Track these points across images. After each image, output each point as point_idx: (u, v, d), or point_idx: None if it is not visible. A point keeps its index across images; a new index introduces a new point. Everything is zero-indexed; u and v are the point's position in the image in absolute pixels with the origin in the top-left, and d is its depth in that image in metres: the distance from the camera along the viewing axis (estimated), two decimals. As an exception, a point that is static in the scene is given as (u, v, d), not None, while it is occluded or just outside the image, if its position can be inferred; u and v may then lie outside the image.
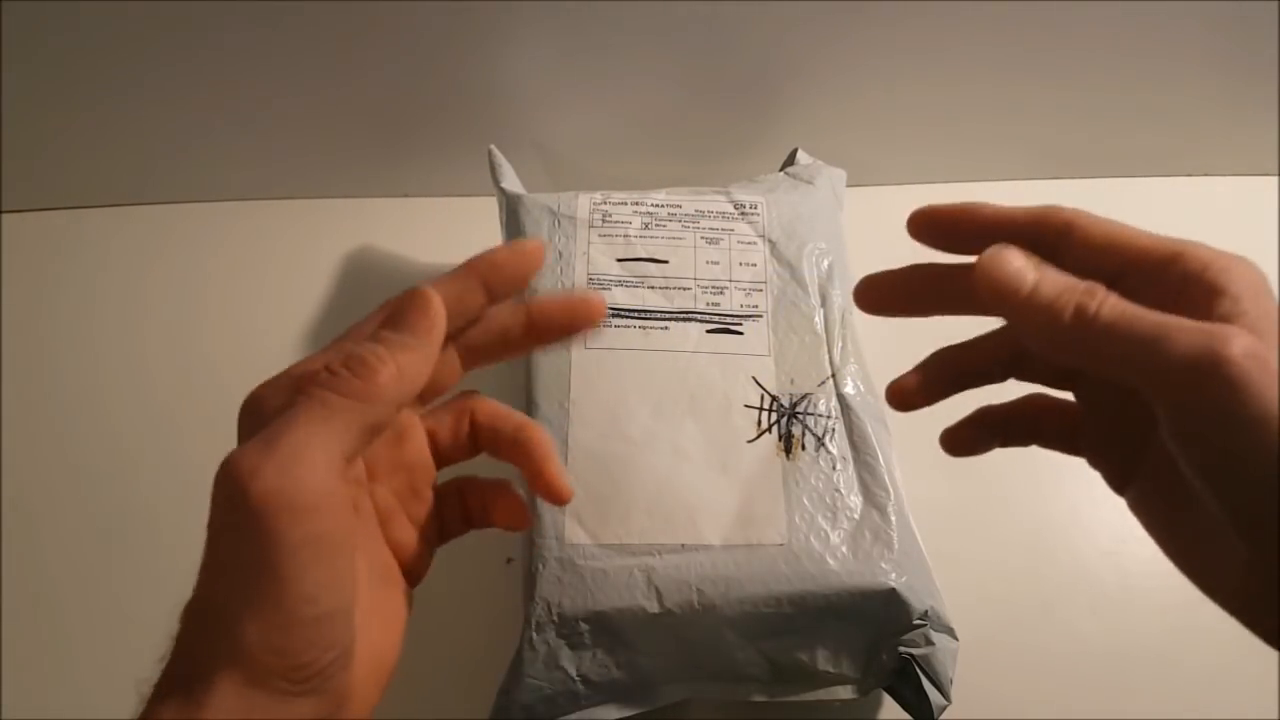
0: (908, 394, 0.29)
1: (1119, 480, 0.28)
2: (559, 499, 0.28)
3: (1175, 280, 0.24)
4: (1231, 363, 0.21)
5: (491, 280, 0.27)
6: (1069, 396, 0.30)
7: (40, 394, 0.53)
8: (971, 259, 0.26)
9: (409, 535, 0.28)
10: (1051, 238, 0.26)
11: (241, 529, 0.21)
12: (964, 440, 0.30)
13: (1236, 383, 0.21)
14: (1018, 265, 0.25)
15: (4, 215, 0.59)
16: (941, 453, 0.45)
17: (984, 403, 0.31)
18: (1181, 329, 0.22)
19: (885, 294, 0.30)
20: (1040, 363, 0.29)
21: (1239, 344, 0.21)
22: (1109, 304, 0.23)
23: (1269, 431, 0.21)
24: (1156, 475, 0.26)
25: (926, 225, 0.29)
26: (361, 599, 0.24)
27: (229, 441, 0.55)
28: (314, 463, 0.21)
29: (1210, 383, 0.21)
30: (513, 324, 0.27)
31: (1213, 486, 0.22)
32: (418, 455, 0.28)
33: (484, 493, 0.29)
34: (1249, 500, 0.22)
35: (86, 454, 0.50)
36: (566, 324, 0.28)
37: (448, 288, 0.26)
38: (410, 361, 0.24)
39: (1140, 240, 0.25)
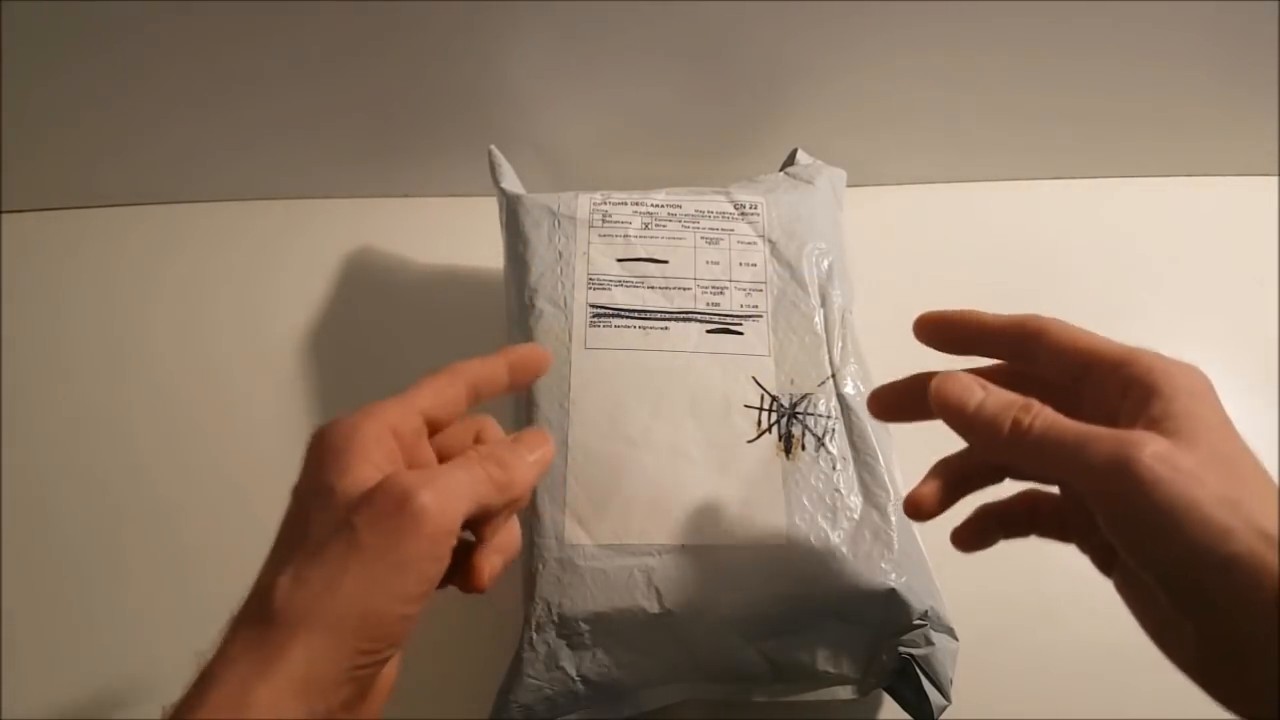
0: (926, 505, 0.32)
1: (1103, 565, 0.31)
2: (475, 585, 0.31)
3: (1123, 381, 0.28)
4: (1139, 464, 0.24)
5: (516, 369, 0.32)
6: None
7: (40, 394, 0.53)
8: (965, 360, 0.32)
9: None
10: (1028, 340, 0.31)
11: (396, 523, 0.25)
12: (971, 537, 0.33)
13: (1145, 481, 0.24)
14: (964, 386, 0.29)
15: (4, 215, 0.59)
16: (941, 453, 0.45)
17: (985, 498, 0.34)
18: (1099, 437, 0.26)
19: (890, 403, 0.34)
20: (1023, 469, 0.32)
21: (1149, 448, 0.25)
22: (1041, 417, 0.27)
23: (1180, 522, 0.24)
24: (1127, 564, 0.29)
25: (929, 329, 0.33)
26: None
27: (228, 440, 0.55)
28: (460, 505, 0.26)
29: (1124, 482, 0.25)
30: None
31: (1147, 572, 0.25)
32: None
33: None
34: (1177, 583, 0.25)
35: (86, 454, 0.50)
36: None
37: (486, 367, 0.32)
38: (531, 472, 0.30)
39: (1099, 346, 0.29)
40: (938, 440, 0.41)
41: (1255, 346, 0.55)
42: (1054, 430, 0.27)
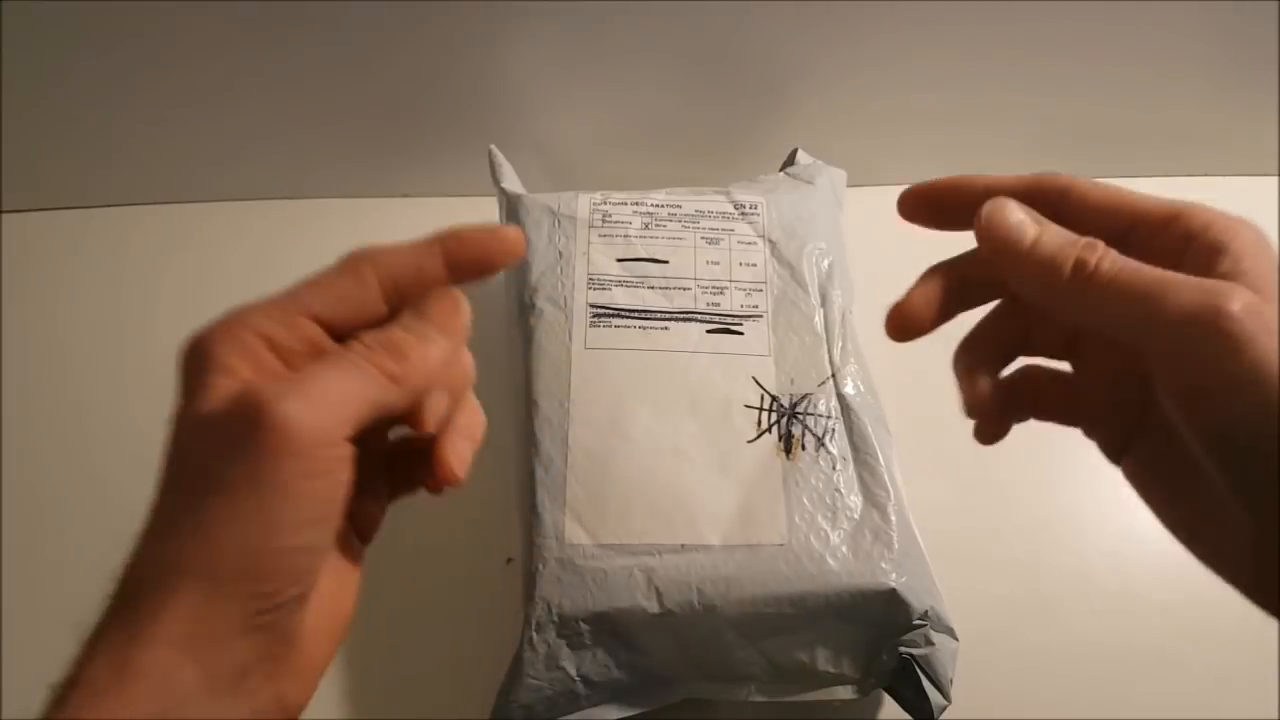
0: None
1: (1115, 447, 0.27)
2: (443, 475, 0.27)
3: (1177, 240, 0.24)
4: (1231, 318, 0.21)
5: (456, 258, 0.26)
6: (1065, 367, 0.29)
7: (40, 394, 0.53)
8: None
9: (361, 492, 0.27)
10: (1050, 203, 0.26)
11: (253, 446, 0.21)
12: (988, 428, 0.29)
13: (1236, 338, 0.21)
14: (1019, 218, 0.25)
15: (4, 215, 0.59)
16: (941, 453, 0.45)
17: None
18: (1181, 284, 0.22)
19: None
20: (1039, 334, 0.29)
21: (1239, 300, 0.21)
22: (1109, 259, 0.23)
23: (1269, 387, 0.20)
24: (1155, 444, 0.26)
25: (918, 202, 0.29)
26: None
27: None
28: (340, 410, 0.22)
29: (1209, 337, 0.21)
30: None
31: (1212, 450, 0.22)
32: None
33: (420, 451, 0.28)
34: (1250, 466, 0.21)
35: (87, 453, 0.50)
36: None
37: (409, 254, 0.26)
38: (435, 357, 0.24)
39: (1140, 202, 0.25)
40: (939, 440, 0.41)
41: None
42: (1125, 273, 0.23)
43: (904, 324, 0.28)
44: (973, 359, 0.29)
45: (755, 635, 0.38)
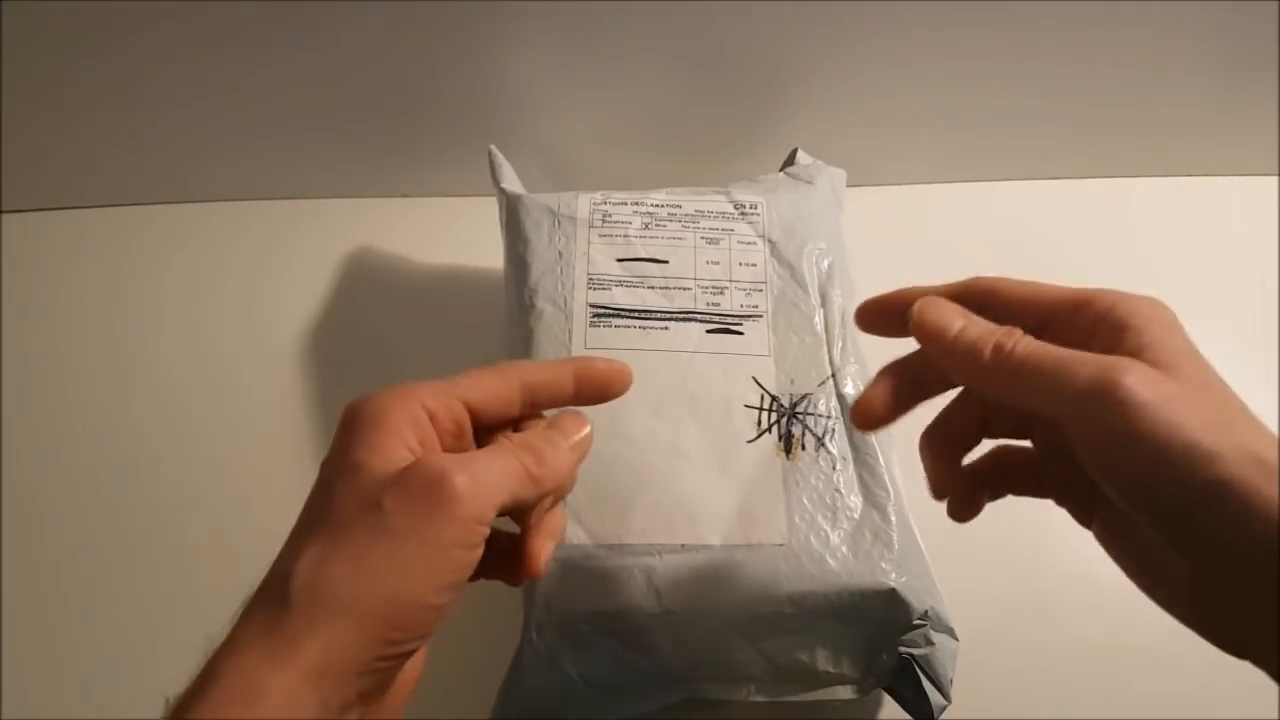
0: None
1: (1083, 516, 0.30)
2: (531, 569, 0.30)
3: (1089, 322, 0.27)
4: (1124, 387, 0.23)
5: (585, 382, 0.30)
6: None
7: (40, 394, 0.53)
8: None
9: None
10: (978, 302, 0.29)
11: (429, 506, 0.24)
12: (961, 506, 0.33)
13: (1130, 405, 0.23)
14: (946, 312, 0.28)
15: (4, 215, 0.59)
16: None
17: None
18: (1082, 361, 0.25)
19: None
20: (994, 417, 0.32)
21: (1132, 372, 0.23)
22: (1023, 343, 0.26)
23: (1168, 447, 0.23)
24: (1109, 509, 0.28)
25: (868, 316, 0.32)
26: None
27: (228, 440, 0.55)
28: (495, 493, 0.25)
29: (1107, 406, 0.23)
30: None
31: (1131, 505, 0.24)
32: None
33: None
34: (1166, 515, 0.23)
35: (87, 454, 0.50)
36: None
37: (549, 370, 0.30)
38: (565, 466, 0.28)
39: (1054, 292, 0.28)
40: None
41: (1255, 346, 0.55)
42: (1035, 355, 0.26)
43: (866, 419, 0.30)
44: (936, 444, 0.32)
45: (755, 635, 0.38)
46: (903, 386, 0.30)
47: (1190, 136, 0.62)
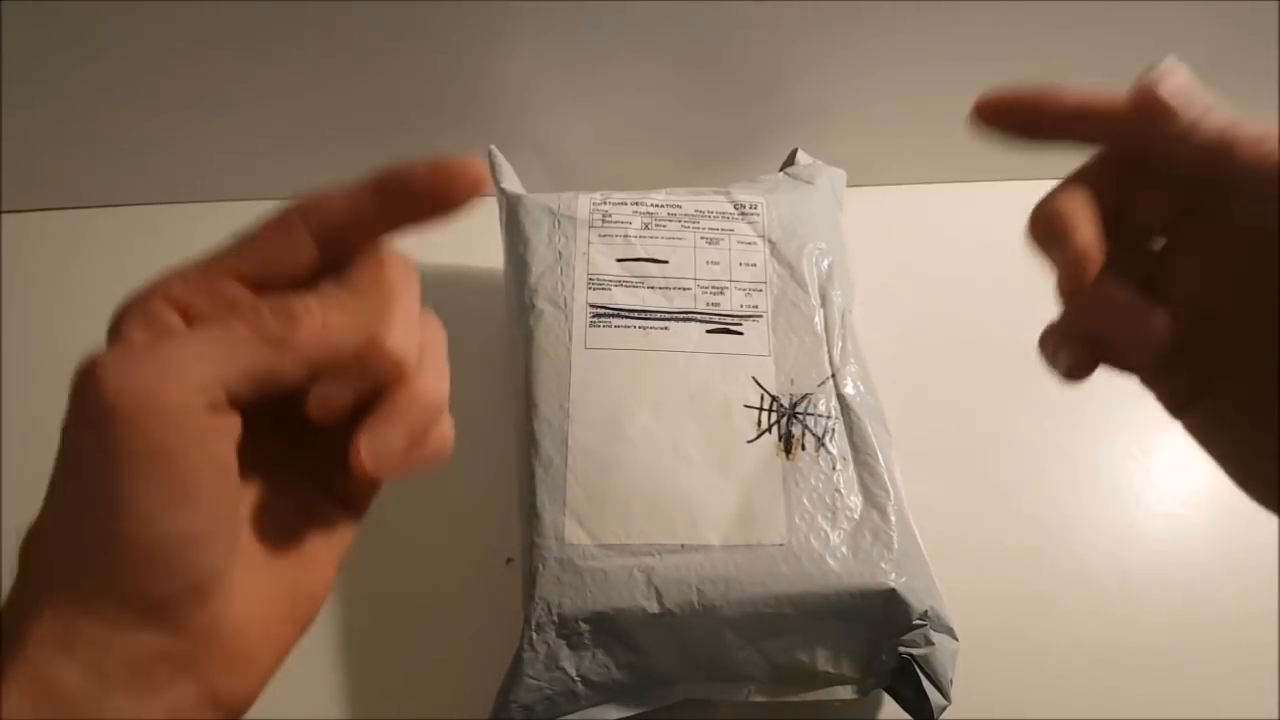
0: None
1: (1178, 401, 0.25)
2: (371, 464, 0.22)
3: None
4: None
5: (397, 200, 0.23)
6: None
7: (40, 394, 0.53)
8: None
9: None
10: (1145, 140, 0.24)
11: (87, 431, 0.19)
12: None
13: None
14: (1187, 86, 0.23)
15: (4, 215, 0.59)
16: (941, 453, 0.45)
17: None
18: None
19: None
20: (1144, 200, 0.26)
21: None
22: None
23: None
24: (1219, 396, 0.24)
25: (999, 113, 0.26)
26: (257, 535, 0.23)
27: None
28: (185, 376, 0.19)
29: None
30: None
31: None
32: None
33: None
34: None
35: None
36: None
37: (344, 201, 0.23)
38: (338, 322, 0.21)
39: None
40: (939, 440, 0.41)
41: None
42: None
43: (1082, 273, 0.23)
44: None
45: (755, 635, 0.38)
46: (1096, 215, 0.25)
47: (1190, 136, 0.62)
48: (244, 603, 0.22)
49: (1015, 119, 0.26)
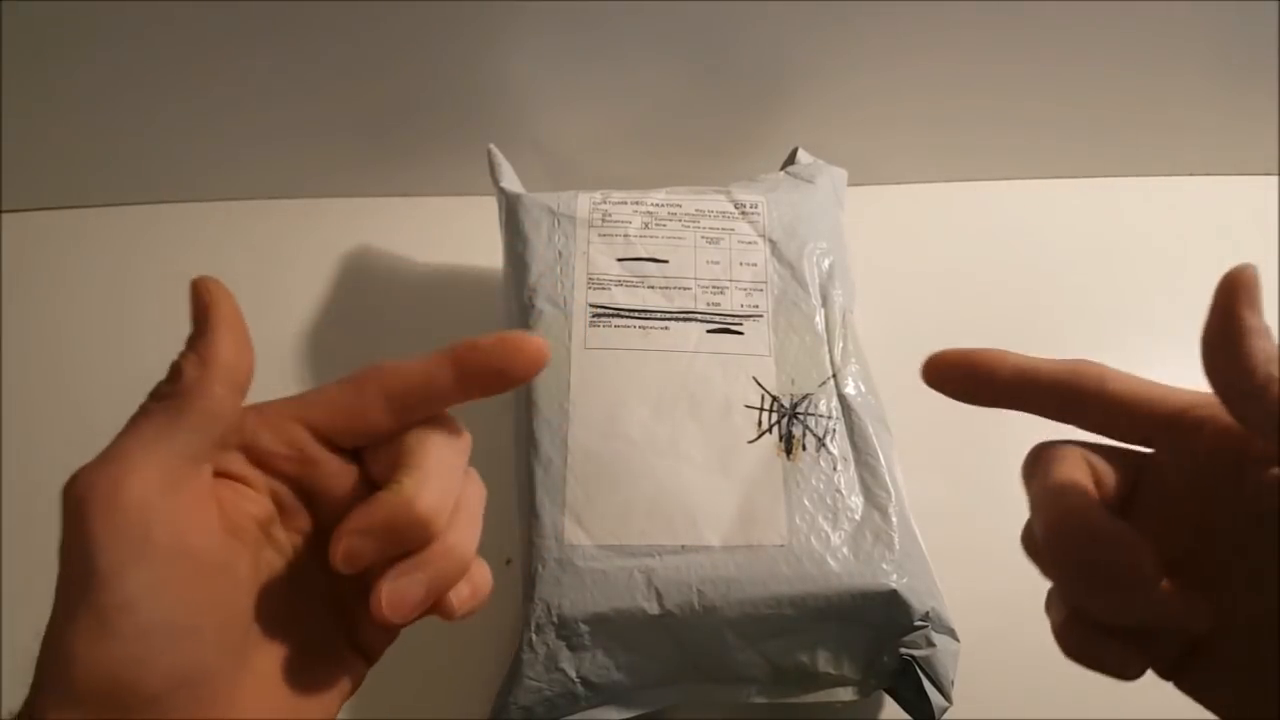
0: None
1: (1174, 663, 0.26)
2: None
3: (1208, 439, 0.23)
4: None
5: (470, 370, 0.24)
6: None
7: (40, 394, 0.53)
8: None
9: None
10: (1078, 394, 0.25)
11: (67, 534, 0.20)
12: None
13: None
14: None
15: (4, 215, 0.59)
16: (942, 453, 0.45)
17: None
18: None
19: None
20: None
21: None
22: None
23: None
24: (1215, 655, 0.25)
25: (943, 370, 0.27)
26: (266, 654, 0.23)
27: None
28: (135, 463, 0.21)
29: None
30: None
31: None
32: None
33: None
34: None
35: (87, 454, 0.50)
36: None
37: (418, 368, 0.24)
38: (215, 352, 0.23)
39: (1175, 398, 0.25)
40: (940, 440, 0.40)
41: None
42: None
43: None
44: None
45: (756, 636, 0.38)
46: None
47: (1190, 136, 0.62)
48: (243, 714, 0.22)
49: (957, 385, 0.27)
